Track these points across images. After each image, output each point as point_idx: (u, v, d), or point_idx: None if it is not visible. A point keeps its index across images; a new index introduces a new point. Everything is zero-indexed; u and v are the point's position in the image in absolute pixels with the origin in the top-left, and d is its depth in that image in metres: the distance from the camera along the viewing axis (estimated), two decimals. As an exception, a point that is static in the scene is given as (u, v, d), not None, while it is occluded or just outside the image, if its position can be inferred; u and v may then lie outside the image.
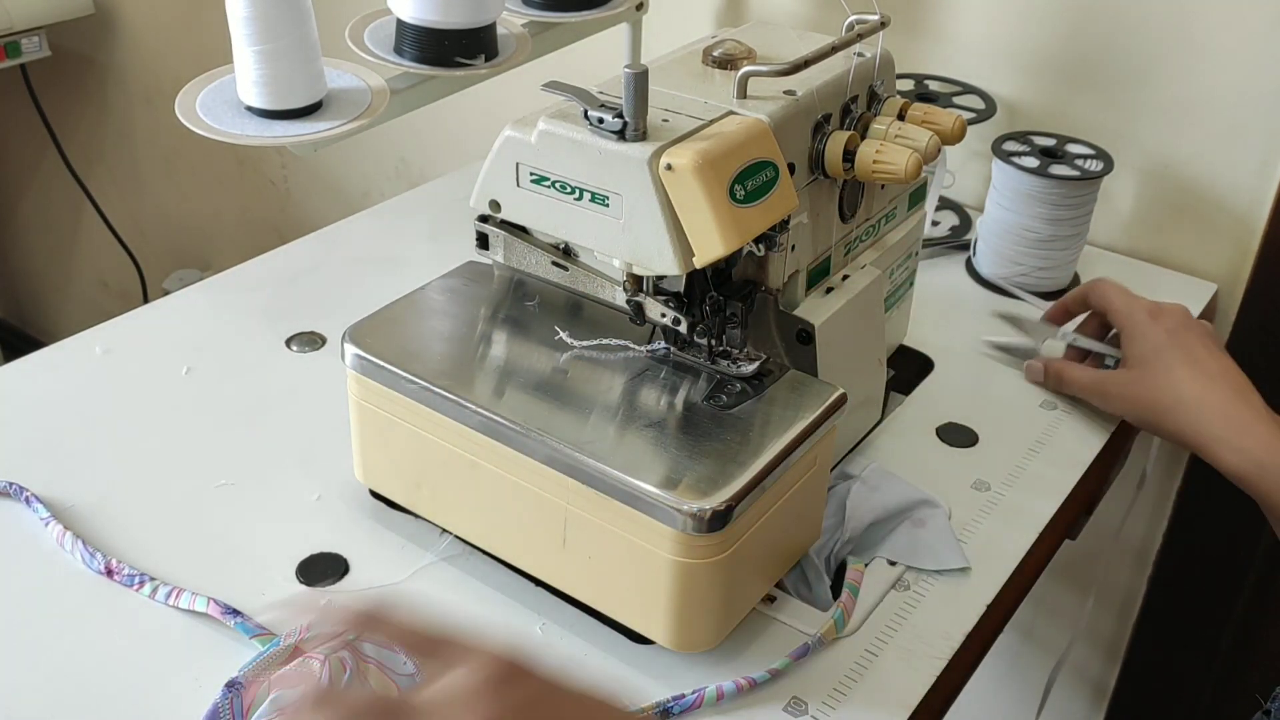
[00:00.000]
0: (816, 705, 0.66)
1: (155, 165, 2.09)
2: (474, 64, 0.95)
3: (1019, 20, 1.14)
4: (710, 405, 0.69)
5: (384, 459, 0.75)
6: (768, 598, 0.72)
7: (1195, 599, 1.25)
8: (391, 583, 0.73)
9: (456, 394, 0.68)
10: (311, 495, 0.80)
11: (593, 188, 0.66)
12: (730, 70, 0.73)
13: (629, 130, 0.64)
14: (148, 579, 0.72)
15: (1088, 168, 1.03)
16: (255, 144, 0.85)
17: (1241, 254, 1.10)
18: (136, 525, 0.77)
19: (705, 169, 0.62)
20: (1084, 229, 1.06)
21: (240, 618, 0.69)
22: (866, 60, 0.75)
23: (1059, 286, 1.07)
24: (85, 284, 2.40)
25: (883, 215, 0.82)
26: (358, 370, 0.72)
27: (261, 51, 0.84)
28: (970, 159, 1.20)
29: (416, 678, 0.66)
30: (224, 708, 0.63)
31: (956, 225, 1.17)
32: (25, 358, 0.94)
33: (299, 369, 0.94)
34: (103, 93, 2.08)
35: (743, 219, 0.64)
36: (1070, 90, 1.13)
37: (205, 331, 0.98)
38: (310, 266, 1.08)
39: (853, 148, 0.71)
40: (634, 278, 0.70)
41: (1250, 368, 0.84)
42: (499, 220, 0.74)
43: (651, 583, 0.64)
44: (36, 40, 1.91)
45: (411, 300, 0.77)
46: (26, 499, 0.78)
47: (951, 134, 0.75)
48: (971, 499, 0.81)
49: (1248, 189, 1.08)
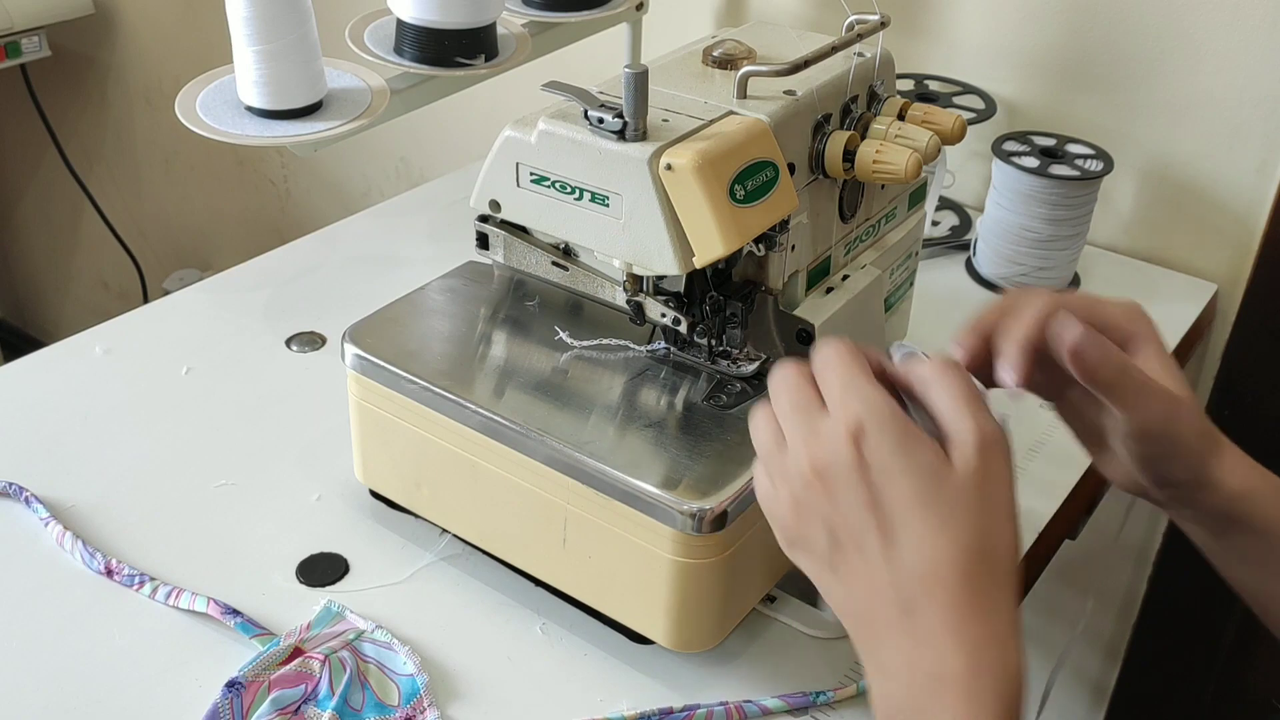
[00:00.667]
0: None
1: (155, 165, 2.09)
2: (474, 64, 0.95)
3: (1019, 20, 1.14)
4: (710, 405, 0.69)
5: (384, 459, 0.75)
6: (768, 598, 0.72)
7: (1195, 599, 1.25)
8: (391, 583, 0.73)
9: (456, 394, 0.68)
10: (311, 495, 0.80)
11: (593, 188, 0.66)
12: (730, 70, 0.73)
13: (629, 130, 0.64)
14: (148, 579, 0.72)
15: (1088, 168, 1.03)
16: (255, 144, 0.85)
17: (1241, 254, 1.10)
18: (136, 525, 0.77)
19: (705, 169, 0.62)
20: (1084, 229, 1.06)
21: (240, 618, 0.69)
22: (866, 60, 0.75)
23: (1059, 286, 1.07)
24: (85, 284, 2.40)
25: (883, 215, 0.82)
26: (358, 370, 0.72)
27: (261, 51, 0.84)
28: (970, 159, 1.20)
29: (417, 678, 0.66)
30: (224, 708, 0.63)
31: (956, 225, 1.17)
32: (25, 358, 0.94)
33: (299, 369, 0.94)
34: (103, 93, 2.08)
35: (743, 219, 0.63)
36: (1070, 90, 1.13)
37: (205, 331, 0.98)
38: (310, 266, 1.08)
39: (853, 148, 0.71)
40: (634, 278, 0.70)
41: (1250, 367, 0.84)
42: (499, 220, 0.74)
43: (651, 583, 0.64)
44: (36, 40, 1.91)
45: (411, 300, 0.77)
46: (26, 499, 0.78)
47: (951, 134, 0.75)
48: (971, 499, 0.81)
49: (1248, 189, 1.08)
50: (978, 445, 0.49)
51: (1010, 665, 0.47)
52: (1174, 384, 0.56)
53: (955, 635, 0.47)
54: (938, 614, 0.47)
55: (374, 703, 0.65)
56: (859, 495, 0.49)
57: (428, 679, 0.66)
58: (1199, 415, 0.57)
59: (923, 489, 0.48)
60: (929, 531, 0.48)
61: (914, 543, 0.48)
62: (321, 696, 0.65)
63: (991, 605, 0.48)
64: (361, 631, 0.69)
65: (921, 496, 0.48)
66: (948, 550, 0.48)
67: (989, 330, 0.56)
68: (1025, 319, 0.55)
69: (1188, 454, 0.57)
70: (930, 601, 0.48)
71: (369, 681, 0.67)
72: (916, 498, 0.48)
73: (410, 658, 0.68)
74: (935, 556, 0.48)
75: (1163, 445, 0.57)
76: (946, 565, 0.48)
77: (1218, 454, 0.58)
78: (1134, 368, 0.55)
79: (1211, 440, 0.58)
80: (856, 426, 0.49)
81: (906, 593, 0.48)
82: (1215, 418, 0.59)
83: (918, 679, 0.48)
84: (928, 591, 0.48)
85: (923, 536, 0.48)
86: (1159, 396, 0.55)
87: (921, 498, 0.48)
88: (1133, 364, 0.55)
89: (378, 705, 0.65)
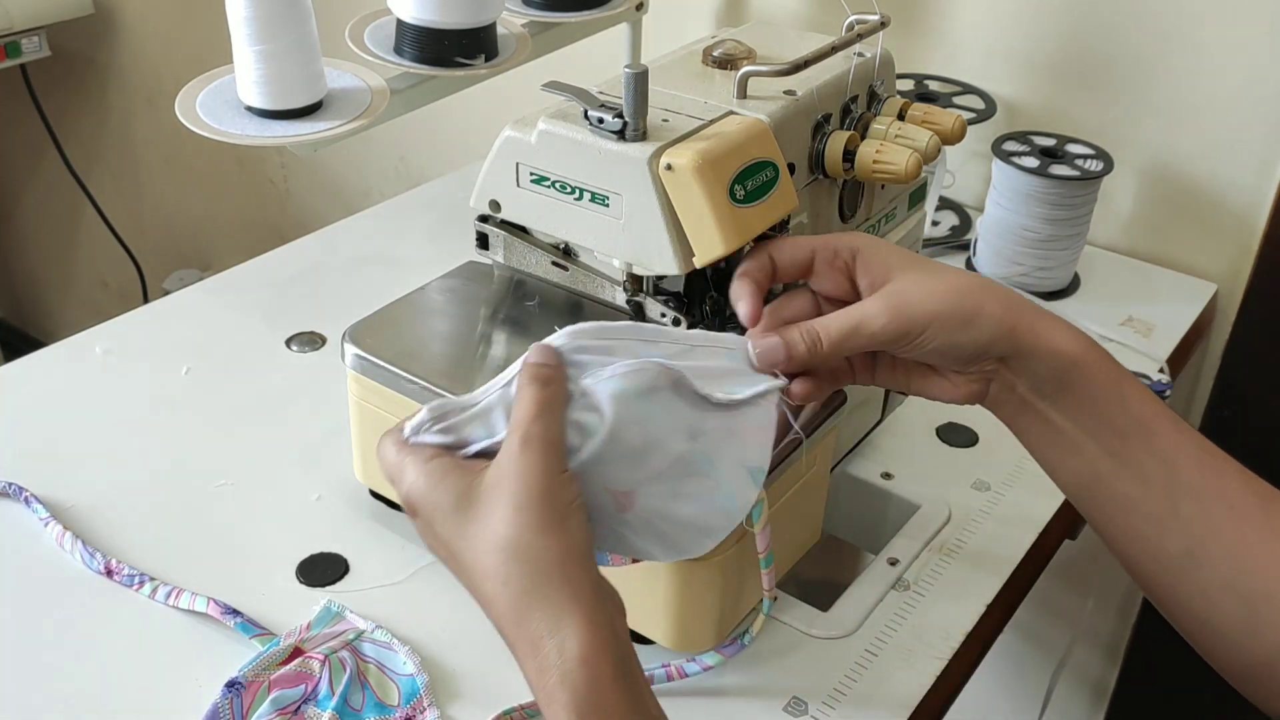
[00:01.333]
0: (816, 705, 0.66)
1: (155, 165, 2.09)
2: (474, 64, 0.95)
3: (1019, 20, 1.14)
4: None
5: (384, 459, 0.75)
6: (768, 598, 0.72)
7: (1195, 599, 1.24)
8: (391, 583, 0.73)
9: (456, 394, 0.68)
10: (311, 495, 0.80)
11: (593, 188, 0.66)
12: (730, 70, 0.73)
13: (629, 130, 0.64)
14: (147, 579, 0.72)
15: (1088, 168, 1.03)
16: (255, 144, 0.85)
17: (1241, 254, 1.10)
18: (136, 525, 0.77)
19: (705, 169, 0.62)
20: (1084, 229, 1.06)
21: (240, 618, 0.69)
22: (866, 60, 0.75)
23: (1059, 286, 1.07)
24: (85, 284, 2.40)
25: (883, 215, 0.82)
26: (358, 370, 0.72)
27: (261, 51, 0.84)
28: (970, 159, 1.20)
29: (417, 678, 0.66)
30: (224, 708, 0.63)
31: (956, 225, 1.17)
32: (25, 358, 0.94)
33: (299, 369, 0.94)
34: (103, 93, 2.08)
35: (743, 219, 0.63)
36: (1070, 90, 1.13)
37: (205, 331, 0.98)
38: (310, 266, 1.08)
39: (853, 148, 0.71)
40: (634, 278, 0.70)
41: (1250, 367, 0.84)
42: (499, 220, 0.74)
43: (651, 583, 0.64)
44: (36, 40, 1.91)
45: (411, 300, 0.77)
46: (26, 499, 0.78)
47: (951, 134, 0.75)
48: (971, 499, 0.81)
49: (1248, 189, 1.08)
50: (514, 446, 0.52)
51: (568, 654, 0.48)
52: (904, 267, 0.60)
53: (519, 643, 0.50)
54: (501, 623, 0.51)
55: (374, 703, 0.65)
56: (427, 538, 0.55)
57: (428, 679, 0.66)
58: (959, 280, 0.59)
59: (453, 503, 0.53)
60: (469, 540, 0.52)
61: (469, 558, 0.52)
62: (321, 696, 0.65)
63: (539, 599, 0.50)
64: (361, 631, 0.69)
65: (456, 509, 0.52)
66: (488, 557, 0.51)
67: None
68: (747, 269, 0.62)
69: (964, 317, 0.58)
70: (492, 610, 0.52)
71: (369, 681, 0.67)
72: (453, 512, 0.53)
73: (410, 658, 0.68)
74: (484, 564, 0.51)
75: (929, 330, 0.58)
76: (490, 574, 0.51)
77: (1022, 307, 0.59)
78: (825, 320, 0.59)
79: (1008, 295, 0.59)
80: (404, 496, 0.55)
81: (491, 613, 0.52)
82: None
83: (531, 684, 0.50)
84: (490, 601, 0.52)
85: (470, 546, 0.52)
86: (874, 312, 0.58)
87: (456, 510, 0.52)
88: (822, 318, 0.59)
89: (378, 705, 0.65)
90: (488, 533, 0.51)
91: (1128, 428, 0.58)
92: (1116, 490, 0.59)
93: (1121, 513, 0.59)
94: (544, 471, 0.51)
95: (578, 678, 0.48)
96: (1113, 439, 0.58)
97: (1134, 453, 0.58)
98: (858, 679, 0.68)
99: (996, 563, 0.76)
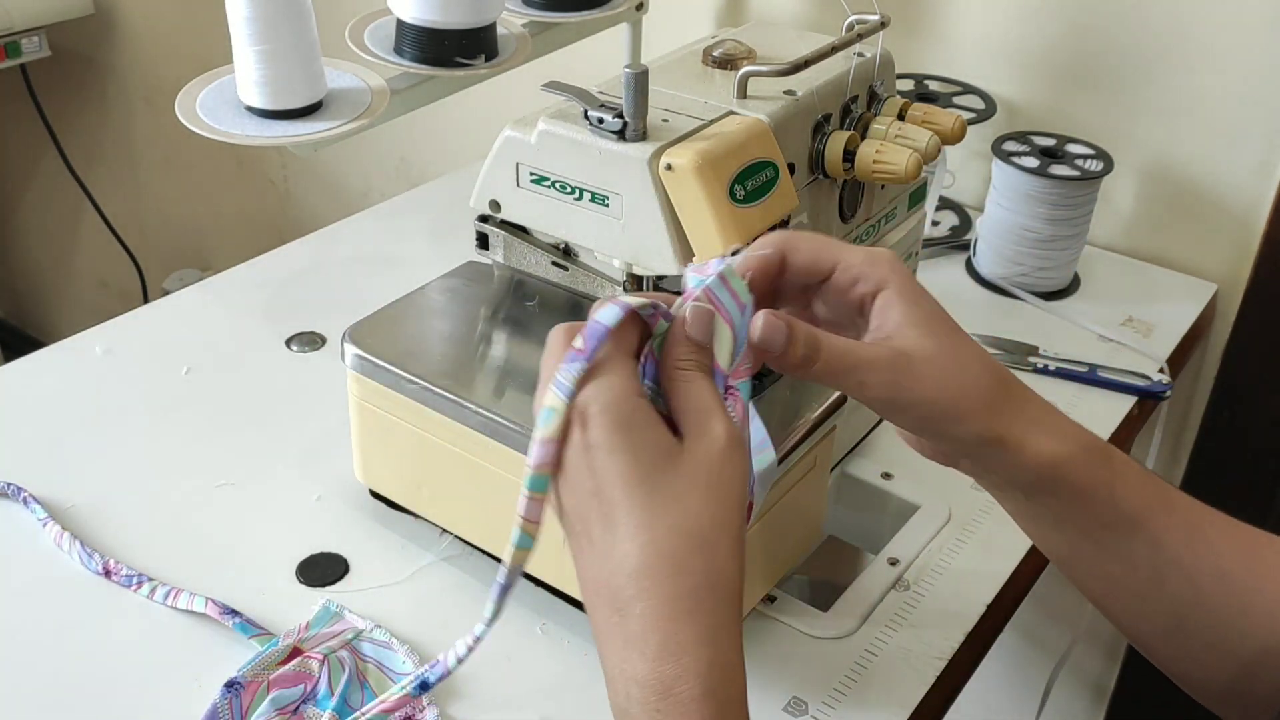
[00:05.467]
0: (816, 705, 0.66)
1: (155, 165, 2.09)
2: (474, 64, 0.95)
3: (1019, 20, 1.14)
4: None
5: (384, 459, 0.75)
6: (768, 598, 0.72)
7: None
8: (391, 583, 0.73)
9: (456, 394, 0.68)
10: (311, 495, 0.80)
11: (593, 188, 0.66)
12: (730, 70, 0.73)
13: (629, 130, 0.64)
14: (146, 579, 0.72)
15: (1088, 168, 1.03)
16: (255, 144, 0.85)
17: (1241, 254, 1.10)
18: (136, 525, 0.77)
19: (705, 169, 0.62)
20: (1084, 229, 1.06)
21: (239, 618, 0.69)
22: (866, 60, 0.75)
23: (1059, 286, 1.07)
24: (85, 284, 2.40)
25: (883, 215, 0.82)
26: (358, 370, 0.72)
27: (261, 51, 0.84)
28: (970, 159, 1.20)
29: (419, 676, 0.66)
30: (223, 708, 0.63)
31: (956, 225, 1.17)
32: (25, 358, 0.94)
33: (299, 369, 0.94)
34: (103, 93, 2.08)
35: (743, 219, 0.63)
36: (1070, 90, 1.13)
37: (205, 331, 0.98)
38: (310, 266, 1.08)
39: (853, 148, 0.71)
40: (634, 278, 0.70)
41: (1250, 367, 0.84)
42: (499, 220, 0.74)
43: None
44: (36, 40, 1.91)
45: (411, 300, 0.77)
46: (25, 499, 0.78)
47: (951, 134, 0.75)
48: (971, 499, 0.81)
49: (1248, 189, 1.08)
50: (725, 440, 0.47)
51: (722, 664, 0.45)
52: (922, 334, 0.52)
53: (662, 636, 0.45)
54: (649, 615, 0.45)
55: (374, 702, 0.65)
56: (584, 481, 0.47)
57: (427, 679, 0.66)
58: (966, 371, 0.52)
59: (641, 467, 0.46)
60: (646, 514, 0.46)
61: (631, 528, 0.46)
62: (320, 696, 0.65)
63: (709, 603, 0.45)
64: (360, 631, 0.69)
65: (640, 474, 0.46)
66: (666, 536, 0.45)
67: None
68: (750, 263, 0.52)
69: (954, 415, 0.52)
70: (641, 600, 0.45)
71: (368, 681, 0.67)
72: (635, 476, 0.46)
73: (410, 657, 0.68)
74: (652, 539, 0.45)
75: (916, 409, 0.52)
76: (661, 555, 0.45)
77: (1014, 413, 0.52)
78: (830, 344, 0.50)
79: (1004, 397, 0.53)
80: (581, 408, 0.47)
81: (621, 591, 0.46)
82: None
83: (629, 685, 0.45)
84: (640, 589, 0.45)
85: (640, 521, 0.45)
86: (874, 366, 0.51)
87: (640, 475, 0.46)
88: (829, 339, 0.51)
89: (377, 705, 0.65)
90: (682, 512, 0.46)
91: (1115, 522, 0.54)
92: (1098, 570, 0.56)
93: (1103, 585, 0.56)
94: (745, 487, 0.48)
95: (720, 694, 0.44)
96: (1096, 530, 0.54)
97: (1119, 541, 0.54)
98: (858, 679, 0.68)
99: (996, 563, 0.76)
